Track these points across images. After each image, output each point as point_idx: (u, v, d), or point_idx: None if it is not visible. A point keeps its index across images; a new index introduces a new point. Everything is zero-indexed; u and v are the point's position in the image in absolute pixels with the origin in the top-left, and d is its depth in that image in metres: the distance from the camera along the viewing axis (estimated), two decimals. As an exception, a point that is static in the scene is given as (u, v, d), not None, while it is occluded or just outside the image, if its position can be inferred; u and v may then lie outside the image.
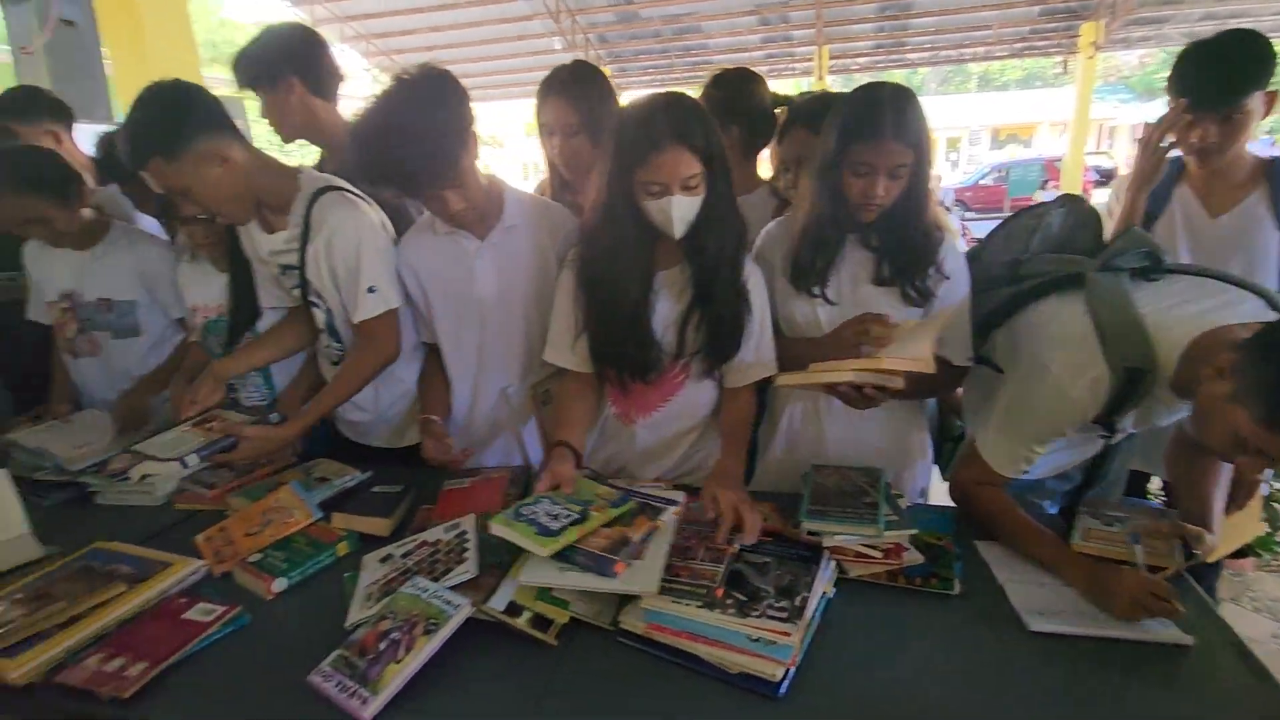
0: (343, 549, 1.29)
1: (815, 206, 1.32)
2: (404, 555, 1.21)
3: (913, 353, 1.14)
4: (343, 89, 1.86)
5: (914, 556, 1.16)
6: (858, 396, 1.22)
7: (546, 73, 1.68)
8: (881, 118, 1.20)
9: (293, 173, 1.55)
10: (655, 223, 1.23)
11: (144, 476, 1.54)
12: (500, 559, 1.16)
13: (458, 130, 1.30)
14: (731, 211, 1.28)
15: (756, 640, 0.95)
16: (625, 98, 1.68)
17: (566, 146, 1.64)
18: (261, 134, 2.23)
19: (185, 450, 1.37)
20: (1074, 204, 1.42)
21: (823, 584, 1.06)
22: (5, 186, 1.66)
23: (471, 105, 1.34)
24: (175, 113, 1.34)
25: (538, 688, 0.97)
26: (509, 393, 1.59)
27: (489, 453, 1.63)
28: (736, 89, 1.79)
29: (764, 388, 1.45)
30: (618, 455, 1.49)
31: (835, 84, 13.25)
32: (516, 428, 1.61)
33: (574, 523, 1.08)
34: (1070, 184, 13.05)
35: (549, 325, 1.44)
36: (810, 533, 1.16)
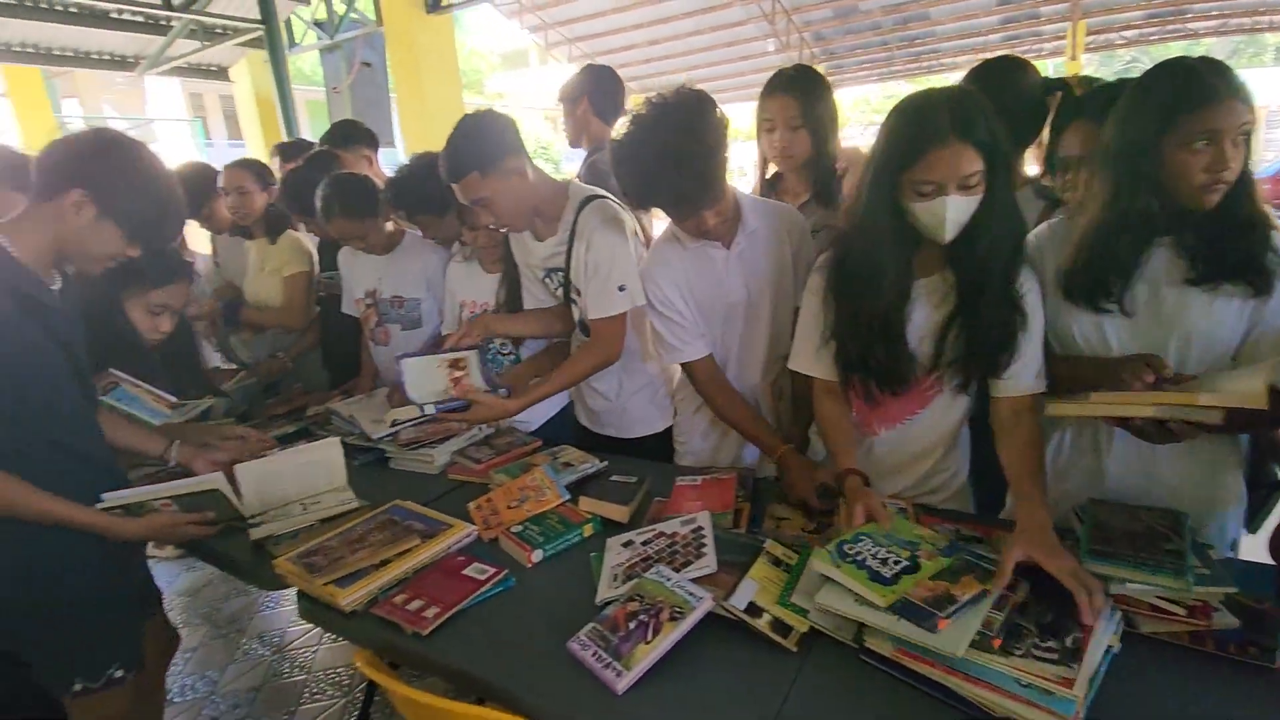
0: (588, 530, 1.41)
1: (1116, 203, 1.13)
2: (644, 543, 1.28)
3: (1240, 383, 0.95)
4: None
5: (1227, 619, 0.97)
6: (1157, 431, 1.05)
7: (759, 76, 1.75)
8: (1209, 78, 1.03)
9: (564, 186, 1.73)
10: (922, 225, 1.15)
11: (393, 421, 1.89)
12: (737, 558, 1.18)
13: (715, 153, 1.34)
14: (1011, 214, 1.16)
15: (1027, 686, 0.86)
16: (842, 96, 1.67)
17: (783, 140, 1.70)
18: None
19: (427, 400, 1.62)
20: None
21: (1108, 636, 0.93)
22: (339, 210, 2.05)
23: (726, 121, 1.37)
24: (490, 135, 1.56)
25: (776, 696, 0.96)
26: (755, 391, 1.63)
27: (736, 448, 1.69)
28: (1000, 80, 1.62)
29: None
30: (853, 467, 1.44)
31: (1091, 63, 11.55)
32: None
33: (905, 570, 1.03)
34: None
35: (788, 323, 1.43)
36: (1096, 576, 1.01)
